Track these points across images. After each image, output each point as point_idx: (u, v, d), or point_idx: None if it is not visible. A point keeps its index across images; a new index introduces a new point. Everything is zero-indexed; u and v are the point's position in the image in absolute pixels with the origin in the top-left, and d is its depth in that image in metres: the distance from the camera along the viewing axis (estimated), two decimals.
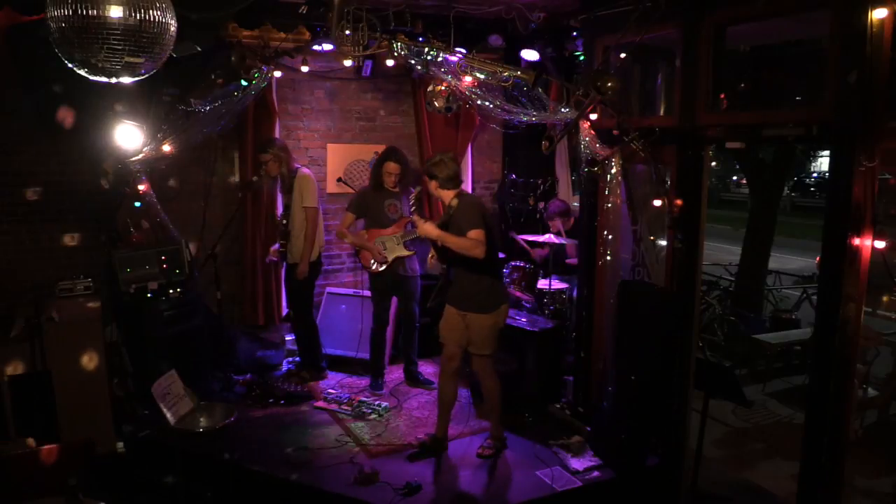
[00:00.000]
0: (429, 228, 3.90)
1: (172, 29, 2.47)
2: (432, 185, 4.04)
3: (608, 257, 4.34)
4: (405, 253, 5.13)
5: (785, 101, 6.67)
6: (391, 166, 5.07)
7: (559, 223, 5.75)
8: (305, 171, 5.25)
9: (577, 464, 4.08)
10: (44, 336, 4.30)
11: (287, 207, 5.22)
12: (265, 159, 5.08)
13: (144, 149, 4.83)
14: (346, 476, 3.92)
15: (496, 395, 4.22)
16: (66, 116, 4.77)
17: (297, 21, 5.10)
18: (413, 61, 4.19)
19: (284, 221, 5.22)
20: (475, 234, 3.81)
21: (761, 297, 8.62)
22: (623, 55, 4.09)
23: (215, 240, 5.22)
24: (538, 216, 6.45)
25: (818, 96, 3.26)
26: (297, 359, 5.65)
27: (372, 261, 5.08)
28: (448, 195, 4.03)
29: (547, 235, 5.59)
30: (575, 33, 5.25)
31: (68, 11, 2.26)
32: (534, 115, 4.25)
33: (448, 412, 4.26)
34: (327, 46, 5.12)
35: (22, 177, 5.05)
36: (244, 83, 4.97)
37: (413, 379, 5.42)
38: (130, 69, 2.43)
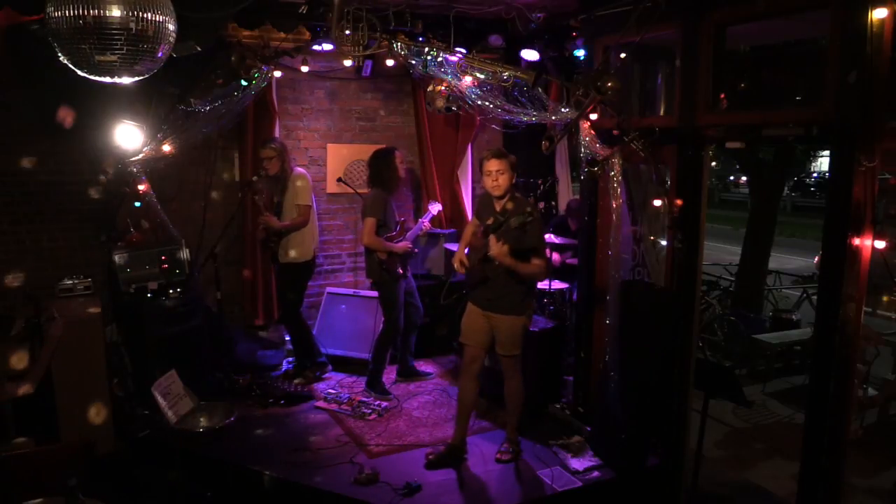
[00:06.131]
0: (503, 254, 3.60)
1: (171, 29, 2.47)
2: (509, 175, 3.82)
3: (608, 257, 4.34)
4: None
5: (785, 101, 6.66)
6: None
7: (573, 223, 5.75)
8: (300, 170, 5.27)
9: (577, 464, 4.08)
10: (44, 336, 4.30)
11: (279, 205, 5.21)
12: (268, 155, 5.06)
13: (144, 149, 4.83)
14: (346, 476, 3.92)
15: (519, 397, 4.13)
16: (66, 116, 4.77)
17: (297, 21, 5.10)
18: (413, 61, 4.19)
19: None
20: (542, 262, 3.75)
21: (761, 297, 8.62)
22: (623, 55, 4.09)
23: (215, 240, 5.22)
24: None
25: (818, 96, 3.25)
26: (294, 360, 5.63)
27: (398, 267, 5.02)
28: (509, 193, 3.88)
29: (547, 236, 5.58)
30: (575, 33, 5.24)
31: (67, 12, 2.26)
32: (534, 115, 4.24)
33: (468, 416, 4.16)
34: (327, 46, 5.12)
35: (22, 177, 5.05)
36: (244, 83, 4.97)
37: (414, 374, 5.43)
38: (125, 69, 2.42)
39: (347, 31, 3.77)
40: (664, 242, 4.12)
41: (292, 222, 5.11)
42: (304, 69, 5.44)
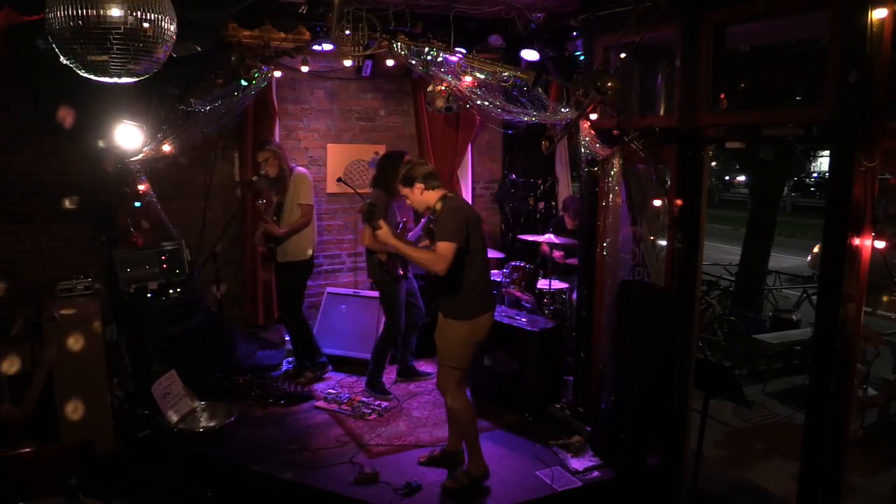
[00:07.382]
0: (385, 236, 3.57)
1: (169, 28, 2.47)
2: (416, 189, 3.71)
3: (608, 257, 4.34)
4: None
5: (785, 101, 6.66)
6: None
7: (569, 219, 5.75)
8: (302, 169, 5.27)
9: (577, 464, 4.08)
10: (44, 336, 4.30)
11: (279, 205, 5.21)
12: (264, 157, 5.06)
13: (144, 149, 4.83)
14: (346, 476, 3.92)
15: (462, 419, 3.82)
16: (66, 116, 4.77)
17: (297, 21, 5.10)
18: (413, 61, 4.19)
19: (274, 218, 5.21)
20: (443, 248, 3.49)
21: (761, 297, 8.63)
22: (623, 55, 4.09)
23: (215, 240, 5.22)
24: (538, 216, 6.45)
25: (818, 96, 3.25)
26: (294, 360, 5.63)
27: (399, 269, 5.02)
28: (433, 197, 3.74)
29: (547, 236, 5.59)
30: (575, 33, 5.25)
31: (67, 11, 2.26)
32: (534, 115, 4.25)
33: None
34: (327, 46, 5.12)
35: (22, 177, 5.05)
36: (244, 83, 4.96)
37: (414, 374, 5.43)
38: (121, 68, 2.42)
39: (347, 31, 3.77)
40: (664, 242, 4.12)
41: (294, 224, 5.11)
42: (304, 69, 5.44)
